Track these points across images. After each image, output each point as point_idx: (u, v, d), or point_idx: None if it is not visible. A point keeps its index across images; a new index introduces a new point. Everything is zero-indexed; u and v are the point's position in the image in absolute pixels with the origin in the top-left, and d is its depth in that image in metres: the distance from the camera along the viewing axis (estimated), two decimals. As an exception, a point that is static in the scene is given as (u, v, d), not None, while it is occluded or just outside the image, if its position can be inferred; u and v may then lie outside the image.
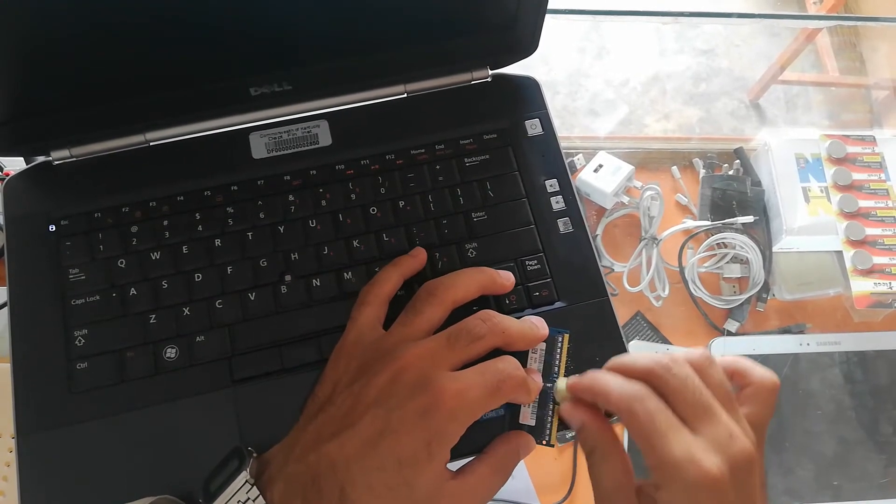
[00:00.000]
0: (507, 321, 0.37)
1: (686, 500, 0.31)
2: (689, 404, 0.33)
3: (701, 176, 0.68)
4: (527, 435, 0.37)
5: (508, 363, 0.35)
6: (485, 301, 0.44)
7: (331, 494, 0.32)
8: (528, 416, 0.37)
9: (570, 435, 0.59)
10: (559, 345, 0.39)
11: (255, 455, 0.35)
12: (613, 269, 0.64)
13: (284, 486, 0.33)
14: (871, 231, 0.63)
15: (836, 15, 1.31)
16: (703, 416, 0.33)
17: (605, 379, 0.35)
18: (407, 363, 0.34)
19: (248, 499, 0.32)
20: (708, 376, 0.34)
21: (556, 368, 0.38)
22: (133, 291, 0.44)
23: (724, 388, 0.34)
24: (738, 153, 0.69)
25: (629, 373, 0.35)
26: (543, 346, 0.39)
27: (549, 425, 0.37)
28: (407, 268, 0.43)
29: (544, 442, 0.37)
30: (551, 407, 0.37)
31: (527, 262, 0.46)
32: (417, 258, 0.44)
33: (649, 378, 0.34)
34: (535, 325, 0.38)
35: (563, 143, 0.50)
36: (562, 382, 0.37)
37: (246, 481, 0.33)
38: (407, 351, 0.35)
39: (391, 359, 0.35)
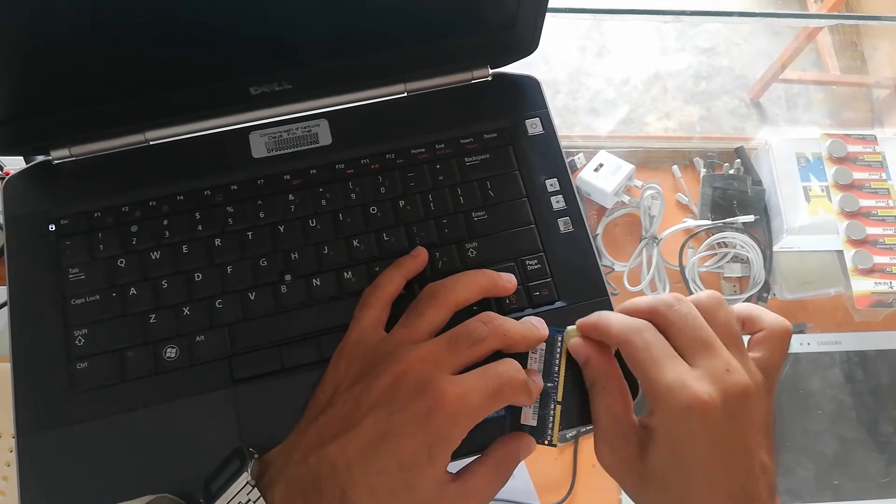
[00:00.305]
0: (508, 323, 0.37)
1: (676, 424, 0.32)
2: (689, 338, 0.34)
3: (701, 175, 0.68)
4: (527, 436, 0.37)
5: (509, 366, 0.35)
6: (485, 302, 0.44)
7: (332, 496, 0.32)
8: (529, 417, 0.37)
9: (570, 435, 0.59)
10: (559, 344, 0.39)
11: (256, 456, 0.35)
12: (614, 269, 0.64)
13: (285, 488, 0.33)
14: (872, 230, 0.63)
15: (837, 14, 1.31)
16: (701, 350, 0.33)
17: (608, 315, 0.37)
18: (408, 366, 0.34)
19: (249, 500, 0.32)
20: (713, 316, 0.35)
21: (557, 368, 0.38)
22: (133, 291, 0.44)
23: (730, 328, 0.35)
24: (739, 152, 0.69)
25: (635, 312, 0.36)
26: (543, 346, 0.39)
27: (550, 425, 0.37)
28: (409, 269, 0.43)
29: (546, 442, 0.37)
30: (552, 407, 0.37)
31: (527, 262, 0.46)
32: (419, 258, 0.44)
33: (652, 315, 0.35)
34: (535, 326, 0.38)
35: (563, 143, 0.50)
36: (572, 328, 0.38)
37: (247, 482, 0.33)
38: (408, 354, 0.35)
39: (392, 361, 0.35)
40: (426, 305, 0.39)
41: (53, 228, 0.46)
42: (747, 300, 0.63)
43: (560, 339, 0.39)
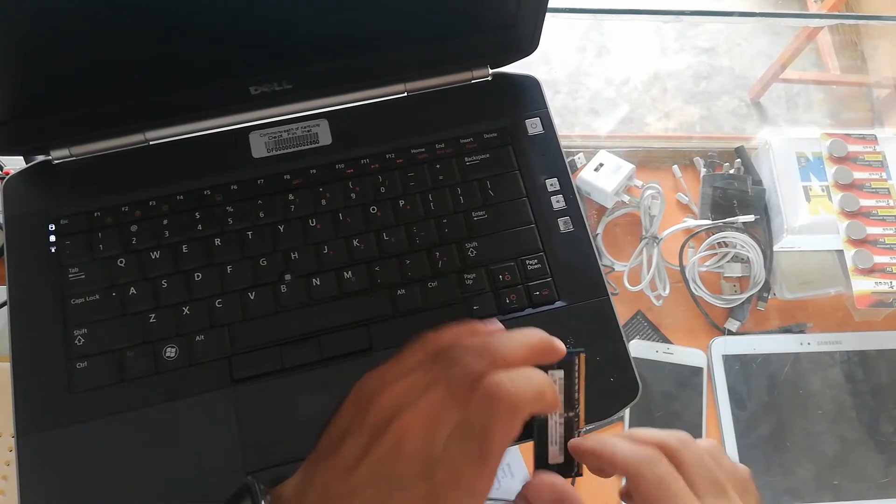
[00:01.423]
0: (509, 345, 0.32)
1: None
2: (705, 479, 0.32)
3: (702, 175, 0.68)
4: (558, 479, 0.34)
5: (499, 411, 0.30)
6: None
7: None
8: (556, 456, 0.34)
9: None
10: (576, 368, 0.35)
11: (268, 496, 0.34)
12: (614, 269, 0.64)
13: None
14: (873, 230, 0.63)
15: (837, 14, 1.31)
16: (715, 494, 0.32)
17: (612, 440, 0.33)
18: (409, 428, 0.31)
19: None
20: (719, 461, 0.33)
21: (577, 395, 0.35)
22: (133, 291, 0.44)
23: (737, 473, 0.34)
24: (739, 152, 0.69)
25: (642, 441, 0.33)
26: (562, 373, 0.35)
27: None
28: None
29: (574, 474, 0.35)
30: (576, 436, 0.35)
31: (527, 262, 0.46)
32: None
33: (663, 449, 0.33)
34: (545, 340, 0.34)
35: (563, 142, 0.50)
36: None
37: None
38: (408, 414, 0.31)
39: (394, 419, 0.31)
40: (466, 357, 0.32)
41: (53, 228, 0.46)
42: (748, 299, 0.63)
43: (577, 361, 0.35)
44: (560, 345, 0.34)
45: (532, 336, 0.33)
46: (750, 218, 0.65)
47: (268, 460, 0.41)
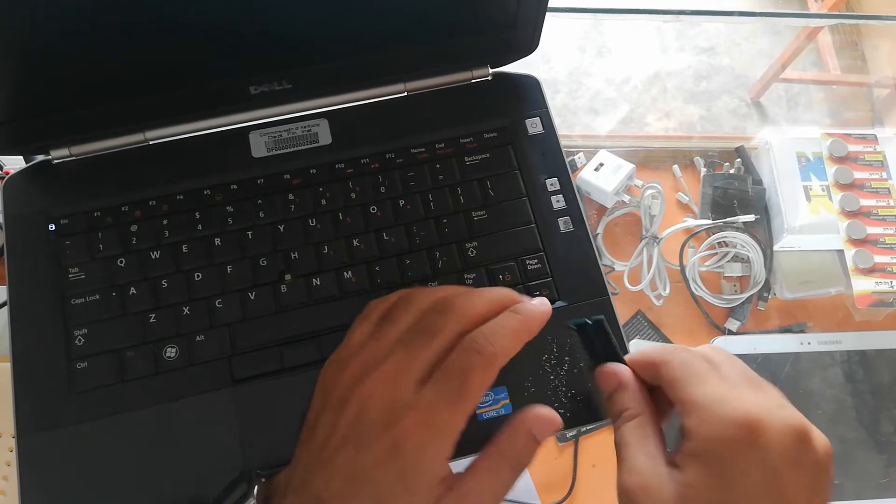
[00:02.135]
0: (471, 298, 0.33)
1: (722, 444, 0.28)
2: (739, 374, 0.32)
3: (702, 174, 0.68)
4: (543, 409, 0.32)
5: (470, 347, 0.31)
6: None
7: None
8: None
9: (570, 434, 0.59)
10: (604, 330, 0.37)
11: (263, 480, 0.34)
12: (614, 268, 0.64)
13: None
14: (873, 230, 0.63)
15: (837, 13, 1.31)
16: (751, 385, 0.31)
17: (639, 351, 0.35)
18: (370, 391, 0.31)
19: None
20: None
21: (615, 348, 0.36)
22: (133, 291, 0.44)
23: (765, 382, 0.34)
24: (740, 152, 0.69)
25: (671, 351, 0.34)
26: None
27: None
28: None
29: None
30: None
31: (527, 262, 0.46)
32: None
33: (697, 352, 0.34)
34: (507, 293, 0.34)
35: (563, 142, 0.50)
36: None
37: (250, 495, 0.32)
38: (368, 379, 0.32)
39: (356, 388, 0.32)
40: (426, 327, 0.33)
41: (53, 228, 0.46)
42: (748, 299, 0.63)
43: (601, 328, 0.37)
44: (523, 298, 0.35)
45: (494, 292, 0.35)
46: (750, 218, 0.65)
47: (268, 460, 0.40)
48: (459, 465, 0.32)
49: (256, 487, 0.33)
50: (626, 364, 0.36)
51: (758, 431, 0.28)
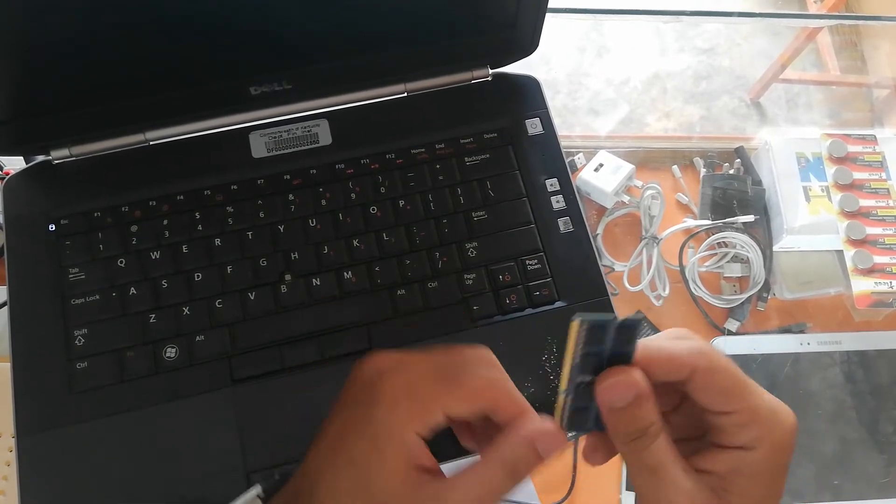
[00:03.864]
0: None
1: (782, 453, 0.28)
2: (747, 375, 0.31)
3: (701, 175, 0.68)
4: (551, 425, 0.30)
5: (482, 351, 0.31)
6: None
7: (305, 502, 0.30)
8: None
9: (570, 435, 0.59)
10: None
11: (276, 476, 0.34)
12: (614, 269, 0.64)
13: (277, 499, 0.32)
14: (872, 230, 0.63)
15: (837, 14, 1.31)
16: (754, 385, 0.30)
17: (659, 341, 0.30)
18: (368, 359, 0.31)
19: None
20: None
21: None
22: (133, 291, 0.44)
23: None
24: (739, 152, 0.69)
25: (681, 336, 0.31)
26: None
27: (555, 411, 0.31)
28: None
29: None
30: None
31: (527, 262, 0.46)
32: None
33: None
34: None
35: (563, 142, 0.50)
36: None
37: (256, 494, 0.32)
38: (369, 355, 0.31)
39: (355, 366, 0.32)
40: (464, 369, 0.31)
41: (53, 228, 0.46)
42: (747, 300, 0.63)
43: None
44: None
45: None
46: (750, 218, 0.65)
47: (268, 460, 0.41)
48: (460, 465, 0.32)
49: (264, 482, 0.32)
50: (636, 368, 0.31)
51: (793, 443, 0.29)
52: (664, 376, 0.30)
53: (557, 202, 0.48)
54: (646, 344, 0.30)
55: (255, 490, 0.33)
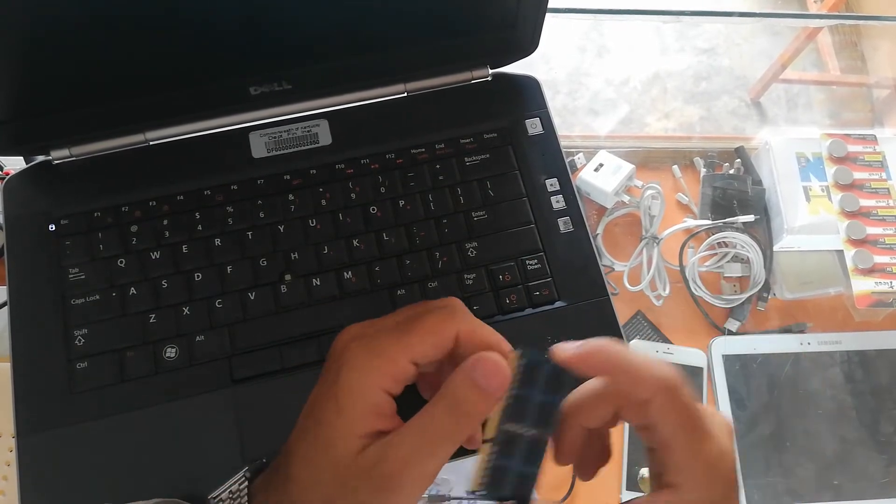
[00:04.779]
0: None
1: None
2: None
3: (702, 175, 0.68)
4: (491, 353, 0.27)
5: (436, 302, 0.30)
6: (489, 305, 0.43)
7: (280, 473, 0.30)
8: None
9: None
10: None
11: (264, 460, 0.34)
12: (614, 269, 0.64)
13: (263, 475, 0.32)
14: (872, 230, 0.63)
15: (837, 14, 1.31)
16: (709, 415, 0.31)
17: (615, 351, 0.29)
18: (335, 339, 0.31)
19: (239, 489, 0.32)
20: None
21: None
22: (133, 291, 0.44)
23: None
24: (739, 152, 0.69)
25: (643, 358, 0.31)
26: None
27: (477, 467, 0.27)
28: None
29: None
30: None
31: (527, 262, 0.46)
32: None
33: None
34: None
35: (563, 142, 0.50)
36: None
37: (243, 474, 0.33)
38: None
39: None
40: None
41: (53, 228, 0.46)
42: (747, 299, 0.63)
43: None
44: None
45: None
46: (750, 218, 0.65)
47: (268, 460, 0.40)
48: (459, 466, 0.31)
49: (251, 465, 0.32)
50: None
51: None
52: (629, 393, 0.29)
53: (557, 202, 0.48)
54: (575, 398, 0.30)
55: (242, 471, 0.33)
